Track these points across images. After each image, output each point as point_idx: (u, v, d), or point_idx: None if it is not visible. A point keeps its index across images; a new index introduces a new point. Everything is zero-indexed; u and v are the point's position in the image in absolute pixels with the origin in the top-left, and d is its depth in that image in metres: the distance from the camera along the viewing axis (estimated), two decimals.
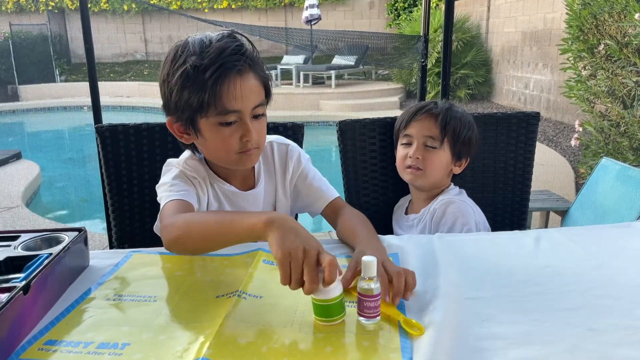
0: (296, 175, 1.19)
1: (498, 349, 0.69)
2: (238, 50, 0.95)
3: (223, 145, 1.00)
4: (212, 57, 0.92)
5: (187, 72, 0.93)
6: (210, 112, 0.95)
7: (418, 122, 1.31)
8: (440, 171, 1.31)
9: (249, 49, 0.98)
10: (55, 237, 0.91)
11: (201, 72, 0.92)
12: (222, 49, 0.93)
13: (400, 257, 0.97)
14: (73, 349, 0.70)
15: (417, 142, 1.30)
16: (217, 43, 0.94)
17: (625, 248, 1.01)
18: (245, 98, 0.96)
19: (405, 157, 1.31)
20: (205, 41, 0.95)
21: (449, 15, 2.24)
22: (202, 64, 0.92)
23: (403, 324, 0.71)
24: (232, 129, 0.98)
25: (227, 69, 0.93)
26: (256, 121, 1.01)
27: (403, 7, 11.30)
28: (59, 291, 0.85)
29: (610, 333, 0.72)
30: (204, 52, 0.93)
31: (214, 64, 0.92)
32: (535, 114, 1.46)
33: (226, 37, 0.96)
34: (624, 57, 3.16)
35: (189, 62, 0.93)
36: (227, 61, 0.93)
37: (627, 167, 2.09)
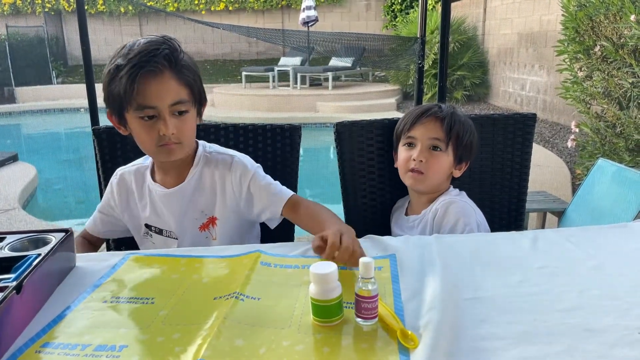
0: (246, 184, 1.20)
1: (496, 349, 0.69)
2: (156, 52, 1.04)
3: (145, 138, 1.10)
4: (130, 58, 1.03)
5: (111, 70, 1.05)
6: (130, 107, 1.06)
7: (423, 125, 1.30)
8: (442, 175, 1.32)
9: (172, 52, 1.06)
10: (42, 238, 0.91)
11: (120, 71, 1.03)
12: (141, 50, 1.03)
13: (397, 258, 0.97)
14: (70, 351, 0.70)
15: (422, 144, 1.29)
16: (142, 46, 1.05)
17: (622, 248, 1.01)
18: (159, 96, 1.05)
19: (408, 160, 1.30)
20: (134, 44, 1.06)
21: (446, 16, 2.25)
22: (122, 63, 1.03)
23: (399, 335, 0.71)
24: (151, 123, 1.07)
25: (140, 68, 1.02)
26: (177, 118, 1.09)
27: (400, 8, 11.33)
28: (48, 292, 0.85)
29: (608, 333, 0.72)
30: (128, 53, 1.04)
31: (130, 64, 1.02)
32: (532, 116, 1.46)
33: (154, 41, 1.06)
34: (619, 59, 3.17)
35: (115, 62, 1.05)
36: (142, 62, 1.02)
37: (623, 168, 2.10)
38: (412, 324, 0.74)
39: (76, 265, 0.96)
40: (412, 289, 0.85)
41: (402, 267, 0.93)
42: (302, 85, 9.35)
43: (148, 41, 1.06)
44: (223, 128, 1.39)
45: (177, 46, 1.09)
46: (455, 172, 1.35)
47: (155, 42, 1.06)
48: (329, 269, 0.74)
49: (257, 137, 1.39)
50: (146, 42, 1.06)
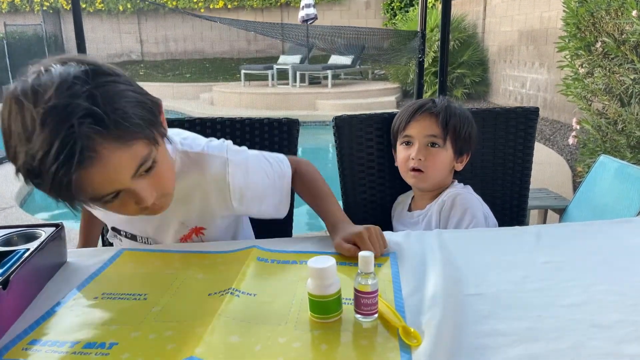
0: (244, 201, 1.03)
1: (500, 346, 0.67)
2: (73, 129, 0.68)
3: (122, 213, 0.86)
4: (40, 157, 0.69)
5: (28, 167, 0.71)
6: (81, 201, 0.79)
7: (418, 122, 1.28)
8: (443, 170, 1.30)
9: (99, 110, 0.70)
10: (32, 232, 0.89)
11: (39, 173, 0.71)
12: (53, 134, 0.68)
13: (398, 255, 0.94)
14: (58, 348, 0.68)
15: (419, 142, 1.27)
16: (44, 124, 0.68)
17: (628, 243, 0.99)
18: (111, 180, 0.76)
19: (407, 159, 1.28)
20: (29, 112, 0.69)
21: (446, 12, 2.23)
22: (34, 163, 0.70)
23: (402, 333, 0.68)
24: (120, 200, 0.80)
25: (66, 166, 0.69)
26: (147, 176, 0.80)
27: (399, 6, 11.31)
28: (38, 287, 0.83)
29: (616, 329, 0.70)
30: (30, 136, 0.69)
31: (47, 163, 0.69)
32: (535, 109, 1.44)
33: (61, 106, 0.68)
34: (621, 55, 3.15)
35: (20, 154, 0.70)
36: (68, 154, 0.68)
37: (625, 164, 2.08)
38: (413, 321, 0.72)
39: (67, 261, 0.93)
40: (413, 285, 0.83)
41: (403, 263, 0.91)
42: (302, 84, 9.33)
43: (51, 104, 0.68)
44: (220, 122, 1.36)
45: (103, 85, 0.72)
46: (456, 166, 1.33)
47: (63, 104, 0.68)
48: (327, 263, 0.71)
49: (254, 132, 1.37)
50: (49, 105, 0.68)
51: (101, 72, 0.74)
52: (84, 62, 0.75)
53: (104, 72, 0.75)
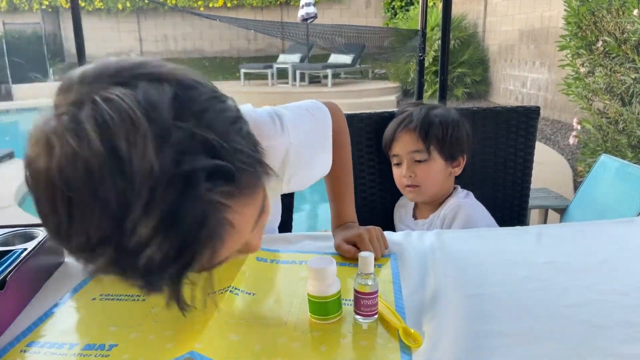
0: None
1: (501, 346, 0.66)
2: (210, 189, 0.46)
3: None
4: (159, 245, 0.46)
5: (114, 261, 0.47)
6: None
7: (400, 141, 1.30)
8: (438, 181, 1.30)
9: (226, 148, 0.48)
10: (29, 232, 0.88)
11: (156, 266, 0.47)
12: (168, 220, 0.45)
13: (398, 254, 0.94)
14: (57, 350, 0.67)
15: (405, 160, 1.29)
16: (151, 205, 0.44)
17: (629, 243, 0.98)
18: (235, 246, 0.56)
19: (400, 177, 1.32)
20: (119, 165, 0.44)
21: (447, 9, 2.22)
22: (137, 253, 0.46)
23: (402, 334, 0.68)
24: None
25: (191, 253, 0.48)
26: (259, 220, 0.58)
27: (400, 5, 11.29)
28: (35, 287, 0.82)
29: (617, 330, 0.69)
30: (125, 220, 0.44)
31: (171, 257, 0.47)
32: (536, 109, 1.43)
33: (164, 159, 0.44)
34: (622, 54, 3.14)
35: (97, 238, 0.46)
36: (193, 241, 0.47)
37: (626, 164, 2.07)
38: (414, 322, 0.72)
39: (65, 261, 0.92)
40: (413, 286, 0.82)
41: (403, 263, 0.91)
42: (302, 83, 9.32)
43: (157, 174, 0.44)
44: None
45: (207, 116, 0.49)
46: (453, 171, 1.32)
47: (179, 173, 0.44)
48: (327, 264, 0.71)
49: None
50: (155, 176, 0.44)
51: (190, 91, 0.49)
52: (148, 76, 0.48)
53: (191, 86, 0.50)
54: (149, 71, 0.49)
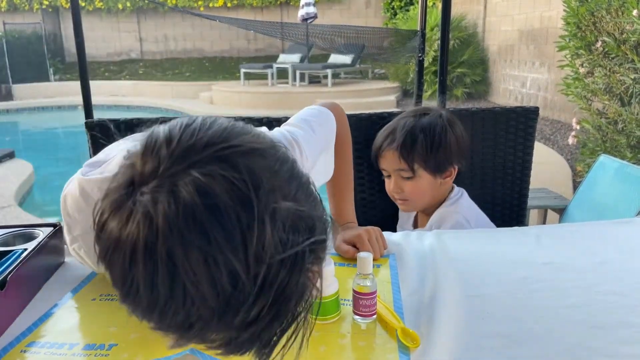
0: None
1: (500, 347, 0.66)
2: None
3: None
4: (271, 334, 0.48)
5: (207, 335, 0.46)
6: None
7: (384, 158, 1.29)
8: (427, 194, 1.28)
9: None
10: (29, 232, 0.88)
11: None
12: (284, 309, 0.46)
13: (397, 255, 0.94)
14: (58, 350, 0.68)
15: (393, 176, 1.28)
16: (265, 291, 0.44)
17: (628, 244, 0.98)
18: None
19: (390, 191, 1.32)
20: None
21: (446, 9, 2.22)
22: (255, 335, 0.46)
23: (400, 334, 0.68)
24: None
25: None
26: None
27: (400, 5, 11.28)
28: (35, 288, 0.82)
29: (616, 331, 0.70)
30: (238, 314, 0.44)
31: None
32: (535, 109, 1.44)
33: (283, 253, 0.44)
34: (621, 54, 3.14)
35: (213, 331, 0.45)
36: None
37: (625, 164, 2.07)
38: (412, 322, 0.72)
39: (65, 261, 0.93)
40: (412, 286, 0.82)
41: (402, 263, 0.91)
42: (301, 83, 9.32)
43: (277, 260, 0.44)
44: None
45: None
46: (445, 182, 1.28)
47: (294, 257, 0.45)
48: (325, 264, 0.71)
49: None
50: (275, 261, 0.44)
51: (275, 162, 0.48)
52: (240, 148, 0.46)
53: (274, 155, 0.49)
54: (240, 143, 0.46)
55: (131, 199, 0.43)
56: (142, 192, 0.43)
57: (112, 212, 0.44)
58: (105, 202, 0.45)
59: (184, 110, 8.31)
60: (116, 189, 0.45)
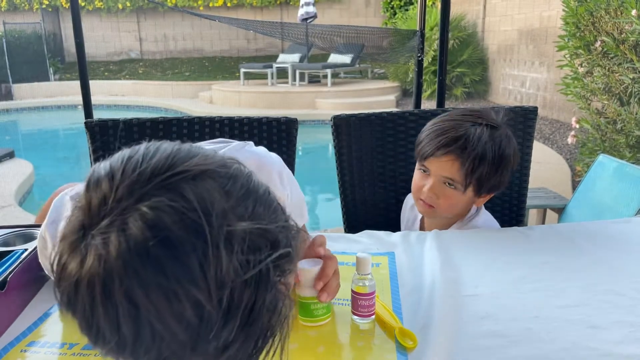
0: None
1: (497, 347, 0.67)
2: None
3: None
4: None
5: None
6: None
7: (439, 160, 1.09)
8: (457, 209, 1.16)
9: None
10: (29, 232, 0.89)
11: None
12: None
13: (396, 256, 0.94)
14: (57, 350, 0.68)
15: (435, 179, 1.11)
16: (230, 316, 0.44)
17: (626, 244, 0.99)
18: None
19: (420, 188, 1.14)
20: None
21: (446, 9, 2.22)
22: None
23: (398, 334, 0.68)
24: None
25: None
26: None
27: (399, 5, 11.28)
28: (35, 288, 0.83)
29: (613, 330, 0.70)
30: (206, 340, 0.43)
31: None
32: (533, 109, 1.44)
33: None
34: (620, 54, 3.14)
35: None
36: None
37: (624, 163, 2.08)
38: (410, 322, 0.72)
39: None
40: (411, 286, 0.83)
41: (400, 263, 0.91)
42: (301, 82, 9.32)
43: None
44: (219, 121, 1.36)
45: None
46: (477, 201, 1.16)
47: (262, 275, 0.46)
48: (313, 265, 0.71)
49: (253, 131, 1.36)
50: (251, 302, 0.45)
51: (229, 181, 0.47)
52: (187, 174, 0.45)
53: (228, 174, 0.48)
54: (187, 168, 0.45)
55: (83, 242, 0.42)
56: (92, 235, 0.42)
57: (68, 257, 0.43)
58: (61, 246, 0.44)
59: (183, 110, 8.31)
60: (69, 233, 0.44)
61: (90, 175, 0.46)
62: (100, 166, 0.47)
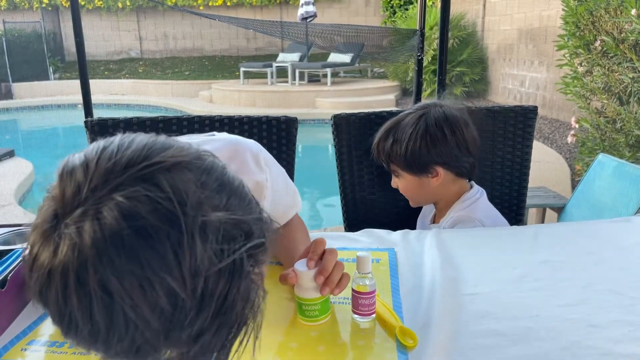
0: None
1: (497, 346, 0.67)
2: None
3: None
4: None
5: (159, 354, 0.46)
6: None
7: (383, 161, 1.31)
8: (419, 193, 1.27)
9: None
10: (30, 231, 0.88)
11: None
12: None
13: (397, 253, 0.94)
14: (58, 349, 0.68)
15: (393, 176, 1.30)
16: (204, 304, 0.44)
17: (625, 243, 0.99)
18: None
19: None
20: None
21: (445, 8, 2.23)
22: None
23: (398, 333, 0.68)
24: None
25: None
26: None
27: (399, 4, 11.28)
28: None
29: (612, 329, 0.70)
30: (183, 320, 0.44)
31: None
32: (533, 108, 1.44)
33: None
34: (620, 53, 3.15)
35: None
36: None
37: (624, 163, 2.08)
38: (410, 320, 0.72)
39: None
40: (411, 284, 0.83)
41: (401, 261, 0.91)
42: (301, 82, 9.31)
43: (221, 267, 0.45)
44: (218, 120, 1.36)
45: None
46: (432, 181, 1.22)
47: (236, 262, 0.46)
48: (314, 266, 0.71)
49: (252, 130, 1.37)
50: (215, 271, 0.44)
51: (203, 172, 0.47)
52: (162, 165, 0.45)
53: (201, 166, 0.48)
54: (162, 159, 0.45)
55: (56, 231, 0.42)
56: (66, 224, 0.42)
57: (41, 246, 0.43)
58: (33, 236, 0.44)
59: (183, 109, 8.30)
60: (42, 223, 0.44)
61: (63, 165, 0.46)
62: (75, 156, 0.46)
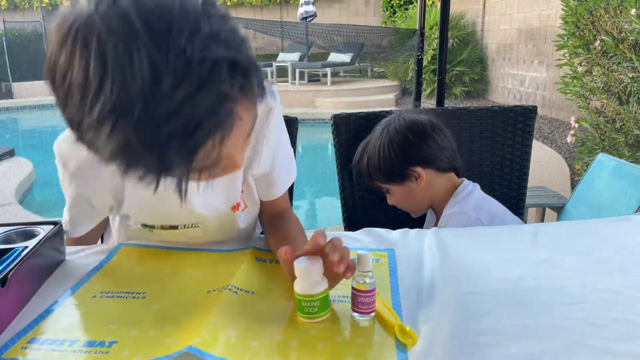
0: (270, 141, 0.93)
1: (496, 344, 0.67)
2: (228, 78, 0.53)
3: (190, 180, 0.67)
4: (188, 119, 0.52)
5: (130, 133, 0.51)
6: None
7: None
8: (412, 200, 1.30)
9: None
10: (30, 230, 0.89)
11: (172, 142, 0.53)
12: (199, 99, 0.51)
13: (396, 253, 0.95)
14: (58, 347, 0.68)
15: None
16: (184, 78, 0.51)
17: (625, 242, 0.99)
18: (234, 149, 0.62)
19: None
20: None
21: (445, 8, 2.23)
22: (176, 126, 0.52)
23: (398, 332, 0.69)
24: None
25: (208, 131, 0.54)
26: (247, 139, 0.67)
27: (399, 4, 11.28)
28: (36, 285, 0.83)
29: (612, 328, 0.70)
30: (158, 92, 0.50)
31: (190, 134, 0.53)
32: (533, 108, 1.44)
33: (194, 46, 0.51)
34: (619, 53, 3.15)
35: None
36: (214, 121, 0.54)
37: (623, 162, 2.08)
38: (410, 319, 0.72)
39: (65, 259, 0.93)
40: (410, 283, 0.83)
41: (400, 260, 0.91)
42: (301, 81, 9.32)
43: (189, 55, 0.50)
44: None
45: (224, 21, 0.55)
46: (417, 184, 1.26)
47: (207, 58, 0.51)
48: (312, 263, 0.71)
49: None
50: (188, 57, 0.50)
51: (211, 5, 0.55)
52: None
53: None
54: None
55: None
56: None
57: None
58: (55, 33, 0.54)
59: None
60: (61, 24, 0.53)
61: None
62: None
